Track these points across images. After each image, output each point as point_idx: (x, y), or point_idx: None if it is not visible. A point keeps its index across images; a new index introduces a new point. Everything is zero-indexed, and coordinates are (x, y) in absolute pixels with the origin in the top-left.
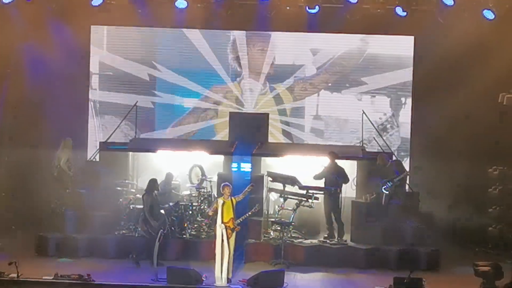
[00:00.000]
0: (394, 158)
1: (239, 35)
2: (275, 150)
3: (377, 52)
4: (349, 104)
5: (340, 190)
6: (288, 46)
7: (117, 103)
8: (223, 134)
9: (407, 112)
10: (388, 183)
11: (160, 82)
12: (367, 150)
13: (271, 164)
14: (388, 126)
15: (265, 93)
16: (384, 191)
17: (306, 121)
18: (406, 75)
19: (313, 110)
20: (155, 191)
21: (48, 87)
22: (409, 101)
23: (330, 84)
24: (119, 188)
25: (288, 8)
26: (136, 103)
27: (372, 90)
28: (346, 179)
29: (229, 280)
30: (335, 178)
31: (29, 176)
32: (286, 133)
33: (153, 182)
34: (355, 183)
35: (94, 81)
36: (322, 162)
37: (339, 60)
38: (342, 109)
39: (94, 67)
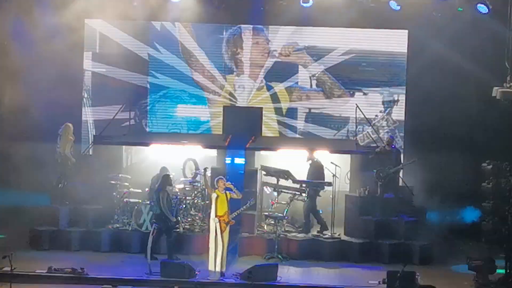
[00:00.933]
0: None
1: (234, 31)
2: (269, 144)
3: (370, 48)
4: (342, 102)
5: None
6: (283, 43)
7: (110, 98)
8: (216, 121)
9: (400, 109)
10: (383, 171)
11: (154, 66)
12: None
13: (265, 157)
14: (384, 124)
15: (261, 90)
16: (375, 175)
17: (299, 118)
18: (399, 72)
19: (306, 107)
20: (168, 186)
21: (40, 84)
22: (402, 97)
23: (323, 81)
24: (112, 182)
25: (282, 2)
26: (129, 99)
27: (364, 88)
28: (322, 176)
29: (222, 274)
30: (318, 172)
31: (21, 169)
32: (281, 131)
33: (166, 178)
34: (348, 177)
35: (87, 76)
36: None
37: (333, 57)
38: (335, 106)
39: (87, 63)
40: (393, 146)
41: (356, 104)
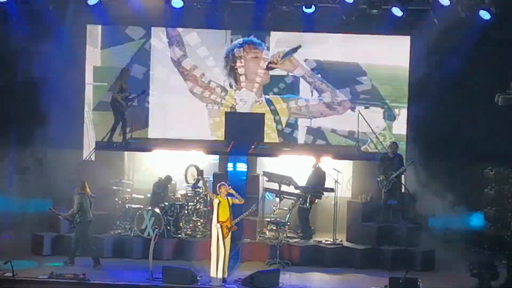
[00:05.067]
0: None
1: (233, 46)
2: (271, 150)
3: (371, 62)
4: (343, 115)
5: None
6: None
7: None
8: (219, 134)
9: (401, 122)
10: (387, 178)
11: (154, 80)
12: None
13: (267, 163)
14: (387, 138)
15: (261, 104)
16: (379, 182)
17: (300, 132)
18: (401, 85)
19: (306, 121)
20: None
21: (42, 89)
22: (403, 111)
23: (323, 95)
24: (114, 188)
25: (284, 8)
26: (132, 102)
27: (365, 101)
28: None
29: (224, 280)
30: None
31: (24, 174)
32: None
33: (84, 184)
34: (350, 184)
35: (88, 78)
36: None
37: (332, 70)
38: (336, 120)
39: (89, 71)
40: (396, 155)
41: (359, 111)
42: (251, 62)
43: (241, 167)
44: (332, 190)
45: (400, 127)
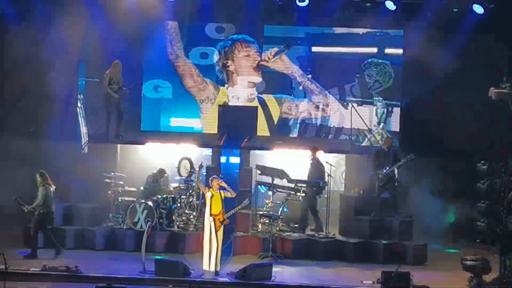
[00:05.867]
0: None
1: (225, 43)
2: (264, 143)
3: (364, 57)
4: (334, 112)
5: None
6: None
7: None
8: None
9: (394, 119)
10: (385, 168)
11: (147, 72)
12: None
13: (260, 156)
14: (379, 138)
15: (253, 102)
16: (375, 176)
17: (292, 128)
18: (394, 80)
19: (298, 117)
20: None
21: (36, 81)
22: (395, 109)
23: (316, 93)
24: (107, 180)
25: (278, 1)
26: (124, 92)
27: (358, 99)
28: (323, 175)
29: (217, 273)
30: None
31: (14, 167)
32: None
33: (45, 174)
34: (343, 177)
35: (81, 72)
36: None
37: (326, 67)
38: (327, 116)
39: (81, 66)
40: (391, 149)
41: (352, 104)
42: (243, 60)
43: (234, 160)
44: (325, 183)
45: (393, 122)
